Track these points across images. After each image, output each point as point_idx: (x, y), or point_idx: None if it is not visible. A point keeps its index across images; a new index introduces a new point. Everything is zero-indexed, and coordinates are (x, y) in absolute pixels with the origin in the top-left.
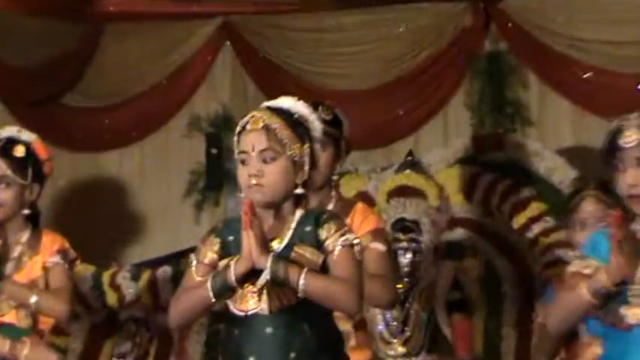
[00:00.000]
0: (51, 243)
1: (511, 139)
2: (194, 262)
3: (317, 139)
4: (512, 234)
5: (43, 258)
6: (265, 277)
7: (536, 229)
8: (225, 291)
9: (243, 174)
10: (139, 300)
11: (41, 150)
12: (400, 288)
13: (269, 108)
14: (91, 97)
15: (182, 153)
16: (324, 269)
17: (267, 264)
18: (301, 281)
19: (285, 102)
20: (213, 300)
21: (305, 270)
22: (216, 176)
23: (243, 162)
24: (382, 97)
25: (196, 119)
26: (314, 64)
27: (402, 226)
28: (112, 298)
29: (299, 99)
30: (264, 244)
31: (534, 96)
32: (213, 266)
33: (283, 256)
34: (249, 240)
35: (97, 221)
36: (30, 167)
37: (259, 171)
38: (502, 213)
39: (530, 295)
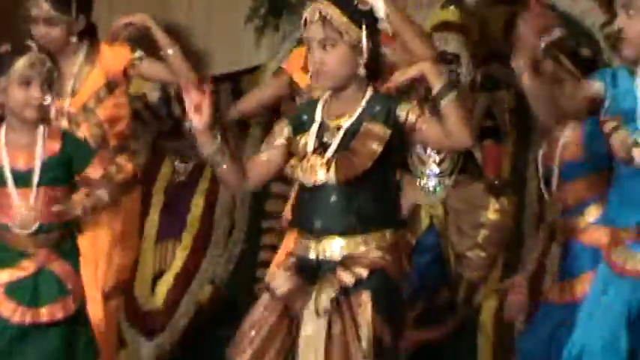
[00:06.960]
0: (114, 54)
1: None
2: (265, 142)
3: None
4: None
5: (102, 70)
6: (332, 149)
7: None
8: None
9: (311, 61)
10: None
11: None
12: None
13: None
14: None
15: None
16: (391, 144)
17: None
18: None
19: None
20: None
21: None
22: (277, 4)
23: (310, 50)
24: None
25: None
26: None
27: (443, 58)
28: (178, 109)
29: None
30: None
31: None
32: (280, 148)
33: (352, 131)
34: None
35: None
36: (74, 1)
37: (320, 59)
38: None
39: None
